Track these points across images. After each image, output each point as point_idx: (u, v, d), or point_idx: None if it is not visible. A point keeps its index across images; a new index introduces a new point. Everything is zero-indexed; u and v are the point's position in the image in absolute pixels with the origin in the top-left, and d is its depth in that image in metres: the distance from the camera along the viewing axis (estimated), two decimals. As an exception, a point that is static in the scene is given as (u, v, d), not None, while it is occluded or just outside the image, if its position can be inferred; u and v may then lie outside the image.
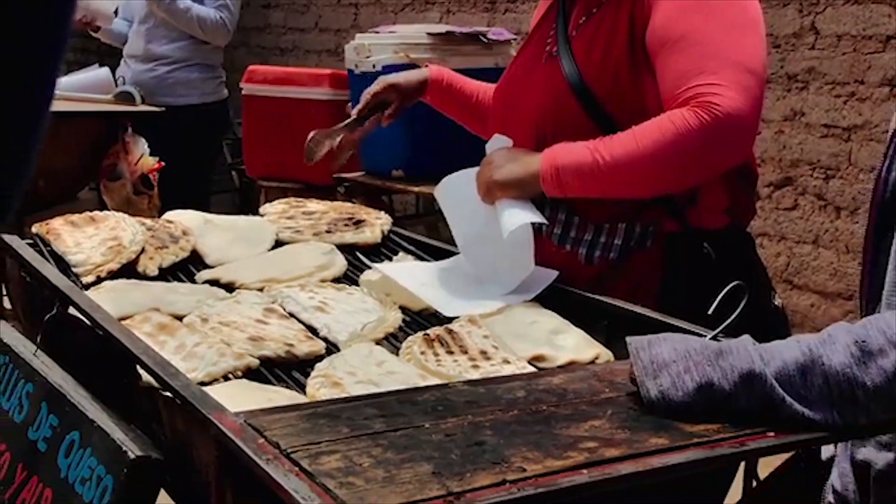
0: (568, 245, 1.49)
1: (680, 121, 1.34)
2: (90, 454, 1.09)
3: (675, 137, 1.34)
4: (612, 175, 1.38)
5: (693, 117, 1.33)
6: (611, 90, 1.43)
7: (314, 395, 1.16)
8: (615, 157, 1.37)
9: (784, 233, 3.49)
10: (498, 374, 1.20)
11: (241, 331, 1.32)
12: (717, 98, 1.33)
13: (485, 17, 4.69)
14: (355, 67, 3.12)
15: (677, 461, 0.85)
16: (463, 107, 1.80)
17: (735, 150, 1.40)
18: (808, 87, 3.40)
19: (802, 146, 3.44)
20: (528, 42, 1.65)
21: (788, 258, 3.49)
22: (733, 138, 1.37)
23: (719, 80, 1.34)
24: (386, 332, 1.37)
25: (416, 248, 1.70)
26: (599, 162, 1.38)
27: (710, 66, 1.35)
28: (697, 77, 1.35)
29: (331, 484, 0.77)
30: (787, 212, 3.49)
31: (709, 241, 1.47)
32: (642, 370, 0.98)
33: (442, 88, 1.78)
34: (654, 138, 1.35)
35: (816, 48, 3.37)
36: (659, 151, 1.35)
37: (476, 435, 0.88)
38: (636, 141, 1.36)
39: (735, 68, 1.35)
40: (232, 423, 0.89)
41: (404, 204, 4.64)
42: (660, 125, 1.36)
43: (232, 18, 3.81)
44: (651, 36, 1.41)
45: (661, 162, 1.36)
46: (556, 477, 0.81)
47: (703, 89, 1.34)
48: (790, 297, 3.44)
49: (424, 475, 0.80)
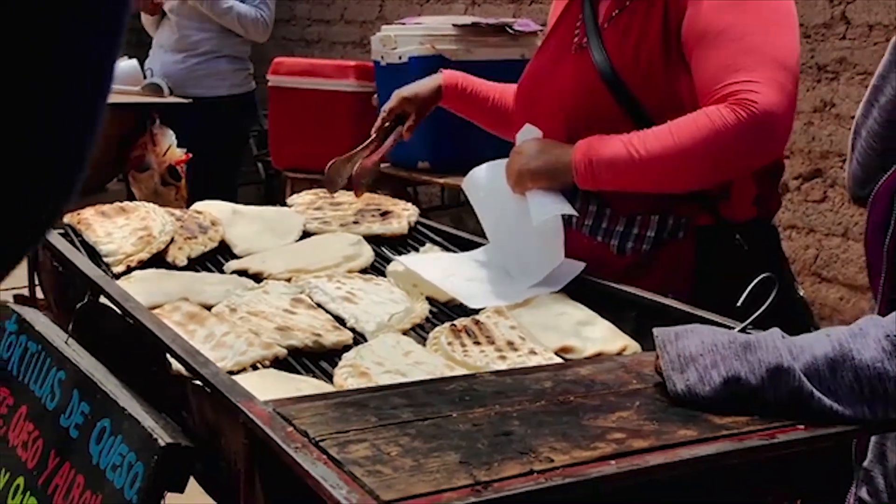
0: (599, 236, 1.48)
1: (717, 117, 1.34)
2: (121, 441, 1.11)
3: (711, 133, 1.34)
4: (646, 169, 1.38)
5: (730, 114, 1.34)
6: (643, 82, 1.43)
7: (341, 384, 1.16)
8: (650, 151, 1.37)
9: (813, 225, 3.46)
10: (525, 365, 1.20)
11: (269, 321, 1.33)
12: (755, 95, 1.33)
13: (510, 8, 4.67)
14: (381, 59, 3.12)
15: (706, 453, 0.85)
16: (480, 109, 1.79)
17: (771, 147, 1.40)
18: (838, 77, 3.36)
19: (832, 138, 3.40)
20: (552, 34, 1.64)
21: (817, 251, 3.46)
22: (769, 136, 1.37)
23: (757, 77, 1.34)
24: (413, 322, 1.38)
25: (442, 239, 1.70)
26: (634, 156, 1.38)
27: (747, 63, 1.35)
28: (735, 74, 1.35)
29: (359, 472, 0.78)
30: (816, 204, 3.45)
31: (739, 233, 1.47)
32: (669, 364, 0.98)
33: (457, 93, 1.77)
34: (690, 133, 1.35)
35: (847, 38, 3.33)
36: (695, 147, 1.35)
37: (503, 425, 0.88)
38: (672, 136, 1.36)
39: (772, 65, 1.35)
40: (261, 412, 0.90)
41: (429, 195, 4.64)
42: (696, 121, 1.36)
43: (270, 15, 3.85)
44: (687, 30, 1.41)
45: (697, 157, 1.36)
46: (583, 467, 0.81)
47: (740, 86, 1.34)
48: (819, 290, 3.41)
49: (452, 464, 0.80)
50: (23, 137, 0.31)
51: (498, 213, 1.56)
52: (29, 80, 0.31)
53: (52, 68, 0.31)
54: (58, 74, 0.32)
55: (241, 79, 3.92)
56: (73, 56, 0.32)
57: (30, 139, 0.32)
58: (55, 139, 0.33)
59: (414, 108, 1.75)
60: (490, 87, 1.80)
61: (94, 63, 0.33)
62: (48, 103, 0.32)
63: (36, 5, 0.30)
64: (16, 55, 0.31)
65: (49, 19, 0.31)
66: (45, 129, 0.32)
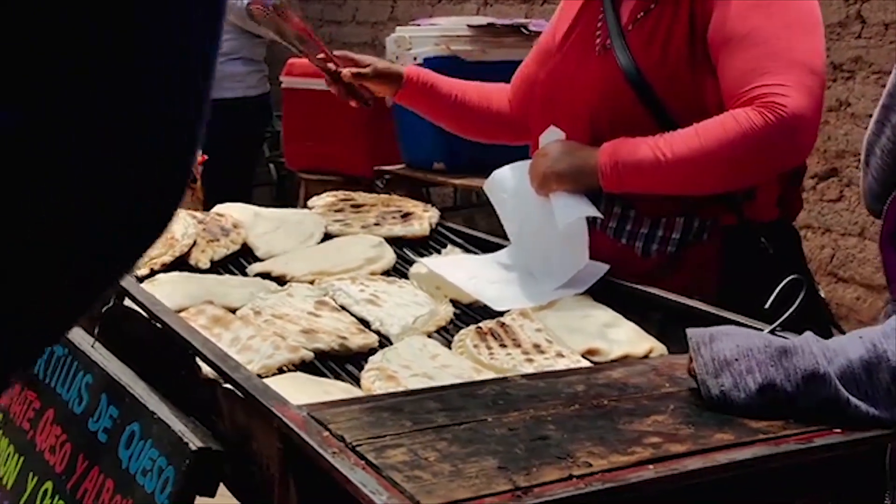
0: (624, 238, 1.48)
1: (745, 120, 1.34)
2: (151, 445, 1.11)
3: (739, 137, 1.34)
4: (673, 172, 1.38)
5: (758, 117, 1.33)
6: (669, 84, 1.43)
7: (369, 388, 1.16)
8: (677, 154, 1.37)
9: (829, 225, 3.44)
10: (552, 367, 1.19)
11: (294, 323, 1.33)
12: (782, 99, 1.33)
13: (522, 8, 4.67)
14: (396, 60, 3.12)
15: (744, 457, 0.85)
16: (439, 104, 1.78)
17: (798, 150, 1.41)
18: (854, 76, 3.34)
19: (848, 137, 3.38)
20: (568, 36, 1.62)
21: (833, 250, 3.44)
22: (797, 139, 1.37)
23: (784, 80, 1.34)
24: (437, 325, 1.37)
25: (463, 241, 1.70)
26: (661, 159, 1.37)
27: (775, 67, 1.35)
28: (762, 77, 1.35)
29: (398, 477, 0.78)
30: (832, 203, 3.44)
31: (763, 234, 1.47)
32: (703, 367, 0.97)
33: (418, 87, 1.76)
34: (717, 137, 1.35)
35: (863, 37, 3.31)
36: (722, 150, 1.35)
37: (539, 429, 0.88)
38: (699, 139, 1.36)
39: (799, 69, 1.35)
40: (295, 416, 0.90)
41: (442, 196, 4.64)
42: (723, 124, 1.36)
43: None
44: (713, 33, 1.41)
45: (724, 161, 1.36)
46: (622, 472, 0.81)
47: (768, 89, 1.34)
48: (835, 290, 3.39)
49: (490, 469, 0.80)
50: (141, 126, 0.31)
51: (521, 215, 1.55)
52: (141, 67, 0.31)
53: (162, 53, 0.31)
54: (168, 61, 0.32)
55: (257, 80, 3.92)
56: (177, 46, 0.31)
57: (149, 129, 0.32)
58: (169, 129, 0.32)
59: (370, 68, 1.74)
60: (451, 84, 1.79)
61: (201, 50, 0.32)
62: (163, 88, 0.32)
63: None
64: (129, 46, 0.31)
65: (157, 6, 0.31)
66: (158, 115, 0.32)
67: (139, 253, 0.34)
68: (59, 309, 0.33)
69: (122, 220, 0.33)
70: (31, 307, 0.32)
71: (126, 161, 0.31)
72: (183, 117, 0.33)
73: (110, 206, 0.32)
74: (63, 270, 0.32)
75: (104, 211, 0.32)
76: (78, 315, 0.34)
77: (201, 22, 0.33)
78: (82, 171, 0.30)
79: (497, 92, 1.80)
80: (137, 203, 0.33)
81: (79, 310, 0.34)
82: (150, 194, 0.33)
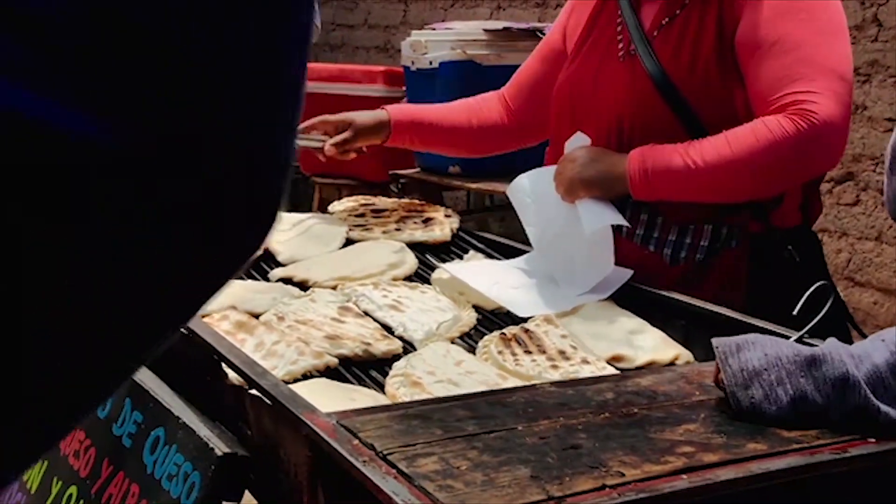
0: (651, 246, 1.47)
1: (776, 128, 1.34)
2: (176, 451, 1.11)
3: (770, 144, 1.34)
4: (703, 180, 1.37)
5: (790, 125, 1.33)
6: (699, 91, 1.42)
7: (394, 394, 1.16)
8: (707, 161, 1.36)
9: (845, 229, 3.43)
10: (577, 374, 1.19)
11: (317, 329, 1.33)
12: (814, 106, 1.33)
13: (536, 12, 4.66)
14: (411, 64, 3.12)
15: (778, 468, 0.84)
16: (430, 136, 1.77)
17: (828, 157, 1.40)
18: (870, 80, 3.33)
19: (864, 140, 3.37)
20: (583, 40, 1.61)
21: (850, 255, 3.43)
22: (828, 146, 1.37)
23: (815, 87, 1.34)
24: (461, 331, 1.37)
25: (485, 246, 1.69)
26: (691, 166, 1.37)
27: (805, 74, 1.35)
28: (793, 84, 1.35)
29: (430, 487, 0.77)
30: (849, 207, 3.42)
31: (787, 240, 1.47)
32: (731, 378, 0.96)
33: (407, 125, 1.75)
34: (748, 144, 1.35)
35: (879, 40, 3.30)
36: (754, 157, 1.35)
37: (570, 438, 0.87)
38: (730, 146, 1.36)
39: (829, 76, 1.35)
40: (325, 424, 0.89)
41: (454, 200, 4.63)
42: (755, 131, 1.35)
43: (319, 19, 3.89)
44: (741, 38, 1.40)
45: (756, 168, 1.36)
46: (655, 482, 0.80)
47: (799, 97, 1.34)
48: (852, 294, 3.38)
49: (523, 479, 0.79)
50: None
51: (544, 221, 1.54)
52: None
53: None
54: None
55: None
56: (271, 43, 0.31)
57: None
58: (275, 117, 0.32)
59: (352, 130, 1.74)
60: (437, 111, 1.78)
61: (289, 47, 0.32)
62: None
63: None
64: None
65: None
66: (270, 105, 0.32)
67: (227, 279, 0.34)
68: (149, 340, 0.33)
69: (221, 245, 0.32)
70: (123, 337, 0.32)
71: (227, 188, 0.31)
72: (272, 136, 0.32)
73: (212, 228, 0.31)
74: (159, 298, 0.31)
75: (205, 234, 0.31)
76: (161, 342, 0.34)
77: (294, 43, 0.33)
78: (185, 195, 0.30)
79: (485, 103, 1.78)
80: (236, 232, 0.32)
81: (168, 332, 0.34)
82: (250, 218, 0.33)
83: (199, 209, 0.31)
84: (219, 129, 0.30)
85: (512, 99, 1.77)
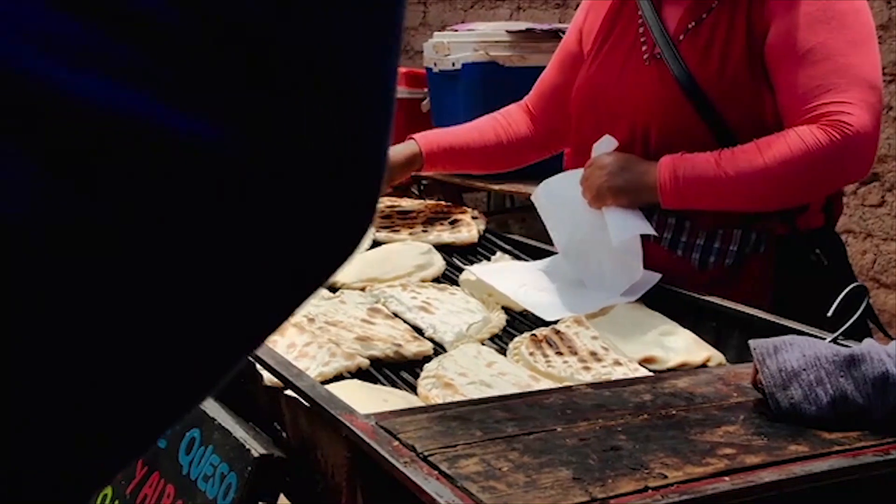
0: (679, 250, 1.47)
1: (810, 138, 1.33)
2: (212, 452, 1.11)
3: (804, 155, 1.34)
4: (735, 189, 1.37)
5: (823, 135, 1.33)
6: (727, 96, 1.42)
7: (426, 395, 1.16)
8: (740, 171, 1.36)
9: (870, 230, 3.40)
10: (610, 375, 1.19)
11: (348, 331, 1.33)
12: (848, 117, 1.33)
13: (556, 13, 4.66)
14: (434, 66, 3.12)
15: (820, 469, 0.83)
16: (462, 157, 1.75)
17: (861, 167, 1.40)
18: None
19: (890, 141, 3.34)
20: (601, 42, 1.59)
21: (875, 256, 3.40)
22: (861, 157, 1.37)
23: (849, 98, 1.34)
24: (491, 332, 1.37)
25: (512, 248, 1.69)
26: (722, 177, 1.37)
27: (838, 84, 1.35)
28: (826, 94, 1.34)
29: (473, 488, 0.77)
30: (874, 209, 3.40)
31: (813, 243, 1.46)
32: (770, 379, 0.96)
33: (440, 153, 1.72)
34: (781, 154, 1.34)
35: (904, 40, 3.27)
36: (787, 168, 1.34)
37: (610, 439, 0.87)
38: (762, 156, 1.35)
39: (862, 86, 1.35)
40: (364, 425, 0.89)
41: (474, 201, 4.63)
42: (788, 141, 1.35)
43: None
44: (772, 46, 1.40)
45: (789, 179, 1.35)
46: (698, 484, 0.80)
47: (833, 107, 1.34)
48: (877, 295, 3.35)
49: (565, 480, 0.79)
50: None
51: (570, 227, 1.54)
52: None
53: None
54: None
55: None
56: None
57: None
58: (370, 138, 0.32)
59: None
60: (465, 132, 1.76)
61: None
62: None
63: None
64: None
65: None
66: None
67: (325, 281, 0.34)
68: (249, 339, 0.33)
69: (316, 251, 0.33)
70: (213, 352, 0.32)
71: (331, 191, 0.31)
72: (379, 144, 0.32)
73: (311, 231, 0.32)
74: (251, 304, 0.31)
75: (304, 239, 0.31)
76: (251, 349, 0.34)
77: (395, 44, 0.33)
78: (289, 199, 0.30)
79: (511, 117, 1.77)
80: (334, 234, 0.32)
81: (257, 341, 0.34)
82: (354, 221, 0.33)
83: (311, 211, 0.31)
84: (339, 134, 0.30)
85: (536, 109, 1.76)
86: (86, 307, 0.28)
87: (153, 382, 0.30)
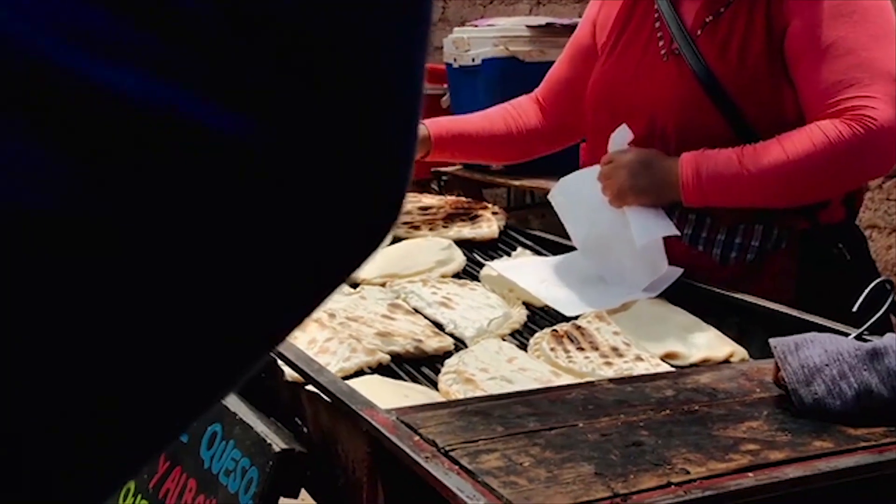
0: (700, 245, 1.46)
1: (834, 133, 1.32)
2: (233, 446, 1.12)
3: (828, 150, 1.32)
4: (758, 187, 1.36)
5: (847, 130, 1.31)
6: (747, 91, 1.40)
7: (447, 391, 1.16)
8: (763, 168, 1.35)
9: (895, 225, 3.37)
10: (631, 371, 1.18)
11: (368, 326, 1.33)
12: (872, 111, 1.31)
13: (576, 7, 4.64)
14: (454, 61, 3.12)
15: (845, 465, 0.83)
16: (471, 145, 1.75)
17: (885, 162, 1.39)
18: (920, 72, 3.27)
19: (915, 135, 3.31)
20: (616, 37, 1.58)
21: (900, 251, 3.36)
22: (885, 151, 1.35)
23: (873, 92, 1.32)
24: (511, 328, 1.37)
25: (533, 243, 1.69)
26: (745, 174, 1.35)
27: (861, 78, 1.33)
28: (849, 89, 1.33)
29: (494, 483, 0.77)
30: (899, 203, 3.36)
31: (834, 237, 1.45)
32: (793, 375, 0.95)
33: (449, 139, 1.72)
34: (805, 150, 1.33)
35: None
36: (811, 164, 1.33)
37: (632, 435, 0.87)
38: (786, 152, 1.34)
39: (886, 80, 1.33)
40: (385, 420, 0.89)
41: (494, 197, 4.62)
42: (811, 137, 1.33)
43: None
44: (792, 40, 1.38)
45: (813, 174, 1.34)
46: (721, 480, 0.79)
47: (857, 101, 1.32)
48: (902, 291, 3.32)
49: (587, 475, 0.79)
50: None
51: (589, 224, 1.53)
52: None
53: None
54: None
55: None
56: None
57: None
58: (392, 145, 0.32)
59: None
60: (475, 120, 1.76)
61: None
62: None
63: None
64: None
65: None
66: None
67: (349, 275, 0.34)
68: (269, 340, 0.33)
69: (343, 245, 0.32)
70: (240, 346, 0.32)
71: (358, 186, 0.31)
72: (407, 140, 0.32)
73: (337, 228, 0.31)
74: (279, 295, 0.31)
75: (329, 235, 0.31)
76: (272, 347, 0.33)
77: (423, 37, 0.32)
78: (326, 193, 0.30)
79: (521, 108, 1.77)
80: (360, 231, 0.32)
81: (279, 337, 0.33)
82: (382, 214, 0.33)
83: (338, 206, 0.31)
84: (369, 129, 0.30)
85: (547, 101, 1.75)
86: (112, 300, 0.28)
87: (177, 378, 0.30)
